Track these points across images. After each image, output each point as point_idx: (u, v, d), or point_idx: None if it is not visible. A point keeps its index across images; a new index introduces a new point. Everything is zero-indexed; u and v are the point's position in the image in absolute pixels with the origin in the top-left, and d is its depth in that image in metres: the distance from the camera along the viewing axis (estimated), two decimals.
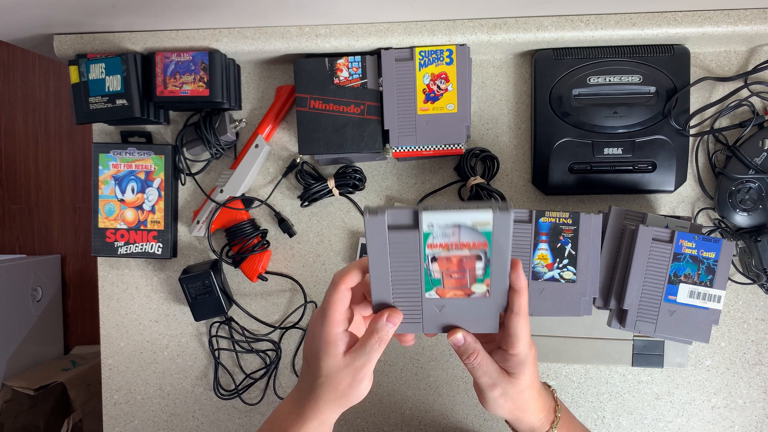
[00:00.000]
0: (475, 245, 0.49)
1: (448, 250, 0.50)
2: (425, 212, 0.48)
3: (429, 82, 0.82)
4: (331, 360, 0.51)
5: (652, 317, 0.73)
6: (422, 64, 0.82)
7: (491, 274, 0.51)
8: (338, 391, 0.52)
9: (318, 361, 0.52)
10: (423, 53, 0.82)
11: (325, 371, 0.52)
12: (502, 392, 0.55)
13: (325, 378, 0.52)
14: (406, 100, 0.83)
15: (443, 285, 0.52)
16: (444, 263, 0.51)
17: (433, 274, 0.51)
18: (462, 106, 0.82)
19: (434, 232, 0.49)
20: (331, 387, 0.52)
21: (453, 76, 0.82)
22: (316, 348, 0.52)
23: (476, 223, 0.48)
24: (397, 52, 0.83)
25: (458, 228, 0.49)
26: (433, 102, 0.82)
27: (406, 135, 0.83)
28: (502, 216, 0.47)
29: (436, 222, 0.49)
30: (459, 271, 0.51)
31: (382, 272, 0.51)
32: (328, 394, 0.52)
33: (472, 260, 0.50)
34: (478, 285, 0.52)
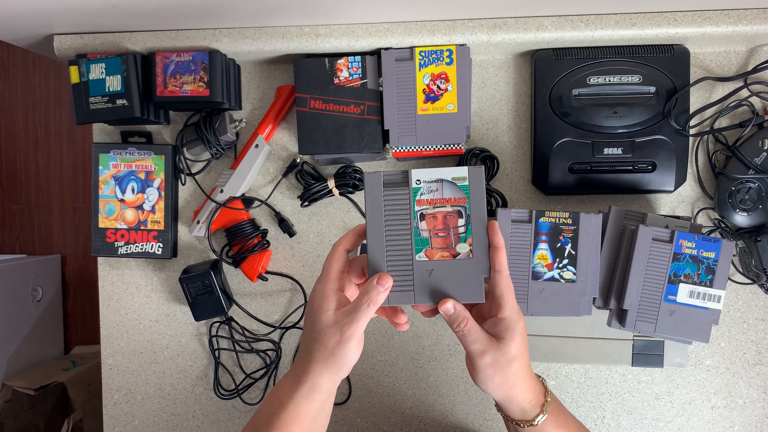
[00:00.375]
0: (456, 201, 0.55)
1: (433, 206, 0.56)
2: (413, 169, 0.56)
3: (429, 82, 0.82)
4: (323, 315, 0.54)
5: (652, 317, 0.73)
6: (422, 64, 0.82)
7: (472, 232, 0.55)
8: (327, 349, 0.53)
9: (314, 318, 0.54)
10: (423, 53, 0.82)
11: (317, 327, 0.54)
12: (492, 360, 0.55)
13: (317, 334, 0.54)
14: (406, 100, 0.83)
15: (431, 245, 0.56)
16: (431, 221, 0.56)
17: (422, 233, 0.56)
18: (462, 106, 0.82)
19: (422, 188, 0.56)
20: (322, 344, 0.53)
21: (453, 76, 0.82)
22: (314, 305, 0.55)
23: (455, 177, 0.55)
24: (397, 52, 0.83)
25: (441, 183, 0.56)
26: (433, 102, 0.82)
27: (406, 135, 0.83)
28: (475, 170, 0.55)
29: (423, 177, 0.56)
30: (444, 230, 0.56)
31: (378, 232, 0.56)
32: (318, 352, 0.53)
33: (454, 217, 0.55)
34: (462, 245, 0.56)
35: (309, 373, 0.54)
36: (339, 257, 0.56)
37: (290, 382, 0.55)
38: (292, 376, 0.56)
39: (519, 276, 0.76)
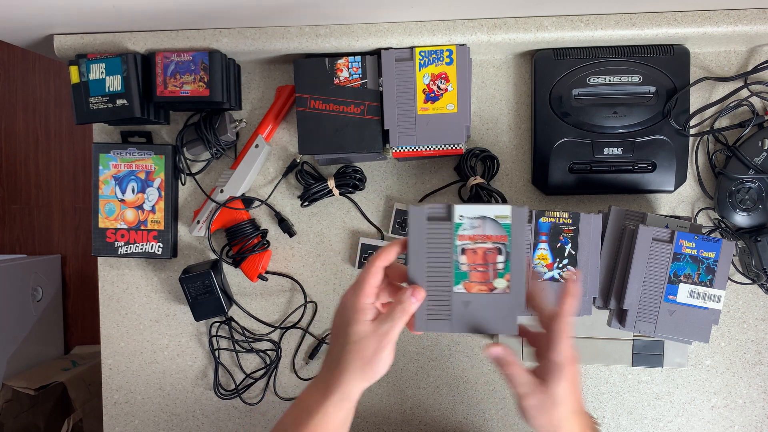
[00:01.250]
0: (497, 238, 0.58)
1: (474, 242, 0.58)
2: (457, 205, 0.58)
3: (429, 82, 0.82)
4: (359, 326, 0.55)
5: (652, 317, 0.73)
6: (422, 64, 0.82)
7: (510, 269, 0.58)
8: (364, 358, 0.54)
9: (347, 328, 0.55)
10: (423, 53, 0.82)
11: (353, 337, 0.55)
12: (537, 403, 0.56)
13: (352, 344, 0.54)
14: (406, 100, 0.83)
15: (469, 278, 0.58)
16: (471, 256, 0.58)
17: (461, 267, 0.58)
18: (462, 106, 0.82)
19: (464, 224, 0.58)
20: (358, 353, 0.54)
21: (453, 76, 0.82)
22: (346, 317, 0.56)
23: (498, 215, 0.57)
24: (397, 52, 0.83)
25: (483, 220, 0.58)
26: (433, 102, 0.82)
27: (406, 135, 0.83)
28: (518, 210, 0.57)
29: (466, 213, 0.58)
30: (483, 265, 0.58)
31: (419, 264, 0.58)
32: (354, 362, 0.54)
33: (494, 253, 0.58)
34: (499, 280, 0.58)
35: (342, 382, 0.54)
36: (376, 272, 0.56)
37: (319, 391, 0.56)
38: (321, 386, 0.56)
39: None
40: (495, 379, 0.92)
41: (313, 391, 0.57)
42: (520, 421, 0.91)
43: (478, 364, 0.92)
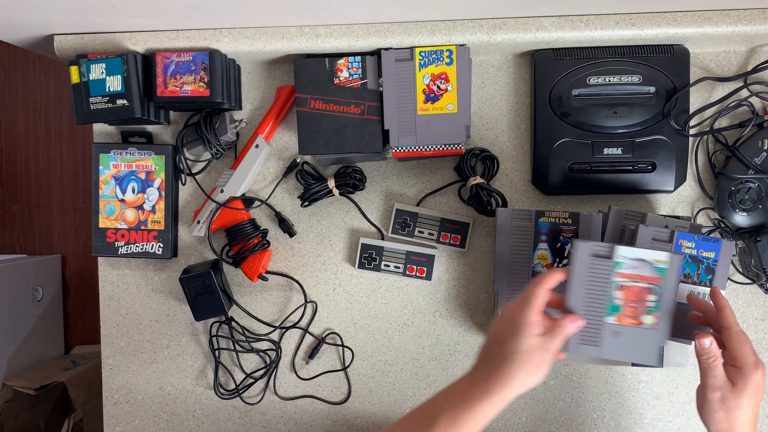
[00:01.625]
0: (651, 279, 0.65)
1: (631, 280, 0.65)
2: (620, 246, 0.66)
3: (429, 82, 0.82)
4: (530, 339, 0.60)
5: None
6: (422, 65, 0.82)
7: (660, 308, 0.66)
8: (531, 366, 0.60)
9: (516, 339, 0.60)
10: (423, 53, 0.82)
11: (523, 348, 0.60)
12: (721, 396, 0.62)
13: (521, 354, 0.60)
14: (406, 100, 0.83)
15: (622, 312, 0.66)
16: (626, 292, 0.66)
17: (615, 301, 0.66)
18: (462, 106, 0.83)
19: (624, 263, 0.65)
20: (526, 362, 0.59)
21: (453, 76, 0.82)
22: (515, 328, 0.61)
23: (655, 260, 0.65)
24: (397, 52, 0.83)
25: (641, 262, 0.65)
26: (433, 102, 0.82)
27: (406, 135, 0.83)
28: (675, 257, 0.65)
29: (627, 255, 0.65)
30: (636, 301, 0.66)
31: (579, 293, 0.65)
32: (521, 370, 0.59)
33: (646, 292, 0.66)
34: (648, 317, 0.66)
35: (507, 385, 0.59)
36: (545, 291, 0.62)
37: (479, 388, 0.60)
38: (482, 384, 0.60)
39: (519, 276, 0.76)
40: None
41: (471, 386, 0.61)
42: (520, 421, 0.92)
43: None
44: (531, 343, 0.60)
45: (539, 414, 0.91)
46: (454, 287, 0.92)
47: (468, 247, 0.91)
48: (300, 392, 0.95)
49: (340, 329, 0.94)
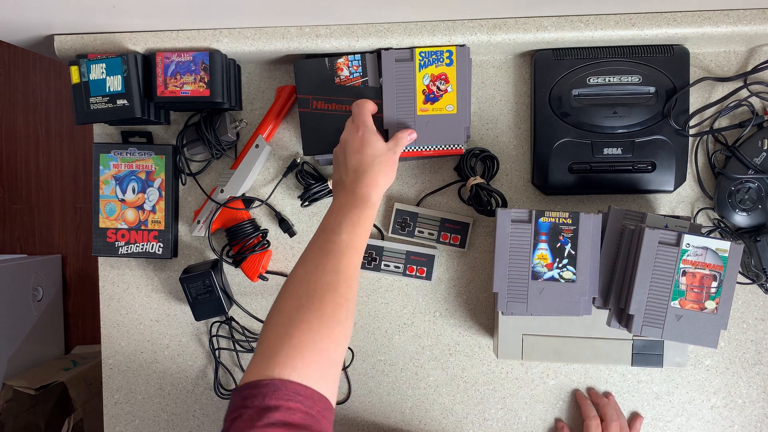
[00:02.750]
0: (714, 267, 0.71)
1: (695, 267, 0.71)
2: (686, 234, 0.71)
3: (429, 83, 0.82)
4: (380, 144, 0.74)
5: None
6: (422, 65, 0.82)
7: (721, 294, 0.71)
8: (388, 166, 0.73)
9: (368, 149, 0.73)
10: (423, 54, 0.82)
11: (379, 152, 0.73)
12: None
13: (380, 156, 0.73)
14: (405, 100, 0.83)
15: (686, 297, 0.71)
16: (690, 278, 0.71)
17: (680, 286, 0.71)
18: (462, 107, 0.83)
19: (689, 251, 0.71)
20: (385, 163, 0.73)
21: (453, 77, 0.82)
22: (366, 142, 0.74)
23: (718, 248, 0.71)
24: (397, 52, 0.83)
25: (706, 250, 0.71)
26: (433, 103, 0.83)
27: None
28: (736, 247, 0.71)
29: (693, 243, 0.71)
30: (699, 287, 0.71)
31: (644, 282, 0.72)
32: (383, 169, 0.72)
33: (710, 279, 0.71)
34: (710, 302, 0.71)
35: (378, 185, 0.71)
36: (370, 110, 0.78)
37: (356, 198, 0.70)
38: (351, 200, 0.70)
39: (519, 276, 0.76)
40: (495, 379, 0.92)
41: (353, 196, 0.70)
42: (520, 421, 0.92)
43: (478, 364, 0.92)
44: (383, 147, 0.74)
45: (539, 414, 0.91)
46: (454, 287, 0.92)
47: (468, 247, 0.91)
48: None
49: None
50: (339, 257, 0.63)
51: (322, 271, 0.62)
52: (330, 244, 0.65)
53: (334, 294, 0.60)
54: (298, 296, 0.60)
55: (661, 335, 0.72)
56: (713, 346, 0.72)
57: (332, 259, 0.63)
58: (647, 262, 0.72)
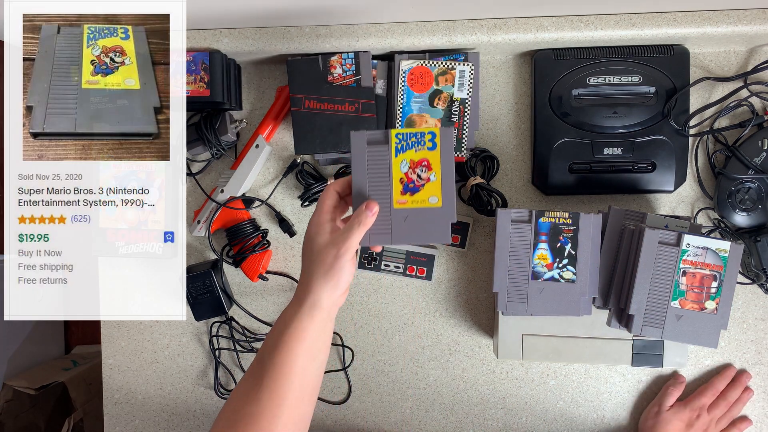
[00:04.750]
0: (714, 267, 0.71)
1: (695, 267, 0.71)
2: (686, 234, 0.71)
3: (408, 170, 0.67)
4: (320, 237, 0.61)
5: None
6: (399, 149, 0.67)
7: (721, 294, 0.71)
8: (326, 264, 0.59)
9: (311, 244, 0.61)
10: (400, 136, 0.66)
11: (316, 248, 0.60)
12: None
13: (316, 254, 0.60)
14: (379, 191, 0.66)
15: (686, 297, 0.71)
16: (690, 278, 0.71)
17: (680, 286, 0.71)
18: (447, 199, 0.66)
19: (689, 251, 0.71)
20: (321, 261, 0.60)
21: (436, 163, 0.66)
22: (310, 234, 0.62)
23: (718, 248, 0.71)
24: (370, 133, 0.67)
25: (706, 250, 0.71)
26: (413, 194, 0.66)
27: (379, 233, 0.65)
28: (736, 247, 0.71)
29: (693, 243, 0.70)
30: (699, 287, 0.71)
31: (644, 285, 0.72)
32: (318, 270, 0.60)
33: (710, 279, 0.71)
34: (710, 302, 0.71)
35: (310, 291, 0.60)
36: (331, 195, 0.63)
37: (293, 306, 0.61)
38: (294, 300, 0.61)
39: (519, 276, 0.76)
40: (495, 379, 0.92)
41: (289, 306, 0.62)
42: (520, 421, 0.92)
43: (478, 364, 0.92)
44: (323, 241, 0.60)
45: (539, 414, 0.91)
46: (454, 287, 0.92)
47: (468, 247, 0.91)
48: None
49: (340, 329, 0.94)
50: (261, 379, 0.57)
51: (245, 400, 0.57)
52: (255, 363, 0.60)
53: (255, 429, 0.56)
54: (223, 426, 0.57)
55: (661, 335, 0.72)
56: (713, 346, 0.72)
57: (256, 382, 0.58)
58: (647, 262, 0.71)
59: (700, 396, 0.85)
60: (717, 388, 0.86)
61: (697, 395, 0.86)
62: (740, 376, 0.87)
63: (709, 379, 0.88)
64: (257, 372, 0.59)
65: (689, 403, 0.85)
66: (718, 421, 0.85)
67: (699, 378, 0.89)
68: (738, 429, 0.86)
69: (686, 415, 0.84)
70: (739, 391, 0.86)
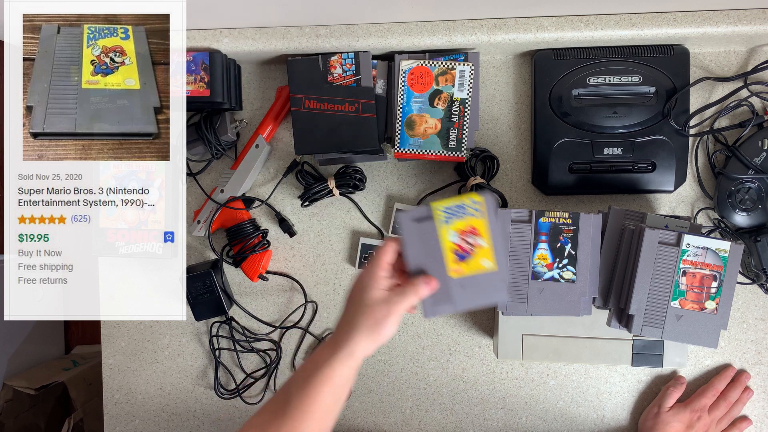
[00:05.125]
0: (714, 267, 0.71)
1: (695, 267, 0.71)
2: (686, 234, 0.71)
3: (457, 240, 0.68)
4: (374, 292, 0.61)
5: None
6: (444, 221, 0.68)
7: (721, 294, 0.71)
8: (374, 319, 0.60)
9: (362, 295, 0.62)
10: (443, 209, 0.67)
11: (367, 302, 0.61)
12: None
13: (366, 307, 0.61)
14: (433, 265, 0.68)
15: (686, 297, 0.71)
16: (690, 278, 0.71)
17: (681, 286, 0.71)
18: (501, 259, 0.68)
19: (689, 251, 0.71)
20: (370, 315, 0.60)
21: (484, 228, 0.67)
22: (362, 285, 0.62)
23: (718, 248, 0.71)
24: (415, 210, 0.67)
25: (706, 250, 0.71)
26: (466, 261, 0.68)
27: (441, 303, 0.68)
28: (735, 247, 0.70)
29: (693, 243, 0.71)
30: (699, 287, 0.71)
31: (644, 285, 0.72)
32: (365, 322, 0.60)
33: (710, 279, 0.71)
34: (710, 302, 0.71)
35: (351, 340, 0.60)
36: (391, 252, 0.64)
37: (328, 348, 0.61)
38: (330, 343, 0.61)
39: (519, 276, 0.76)
40: (495, 379, 0.92)
41: (324, 348, 0.61)
42: (520, 421, 0.92)
43: (478, 364, 0.92)
44: (376, 297, 0.61)
45: (539, 414, 0.91)
46: None
47: None
48: None
49: None
50: (284, 414, 0.58)
51: (265, 428, 0.58)
52: (280, 396, 0.60)
53: None
54: None
55: (661, 335, 0.72)
56: (713, 346, 0.72)
57: (278, 415, 0.58)
58: (647, 262, 0.71)
59: (701, 397, 0.85)
60: (717, 389, 0.86)
61: (698, 396, 0.85)
62: (740, 376, 0.87)
63: (709, 380, 0.88)
64: (281, 405, 0.59)
65: (689, 405, 0.85)
66: (718, 422, 0.85)
67: (699, 378, 0.89)
68: (738, 429, 0.86)
69: (686, 417, 0.84)
70: (739, 391, 0.86)
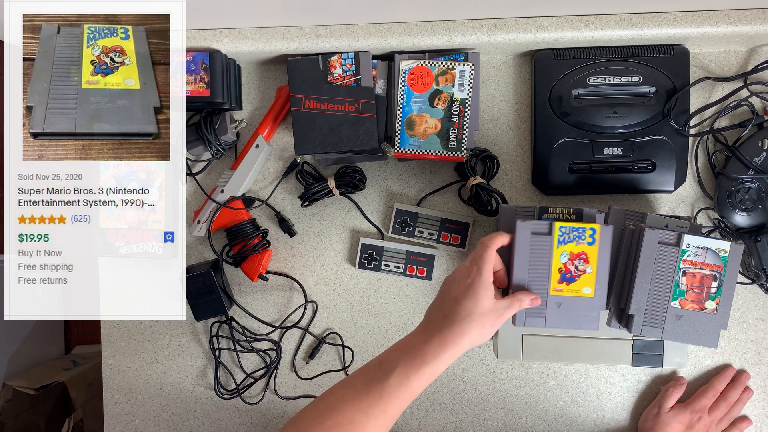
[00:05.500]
0: (714, 267, 0.71)
1: (695, 267, 0.71)
2: (686, 234, 0.70)
3: (567, 261, 0.72)
4: (486, 300, 0.65)
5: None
6: (561, 241, 0.72)
7: (721, 294, 0.70)
8: (483, 327, 0.64)
9: (473, 300, 0.65)
10: (564, 229, 0.71)
11: (480, 309, 0.64)
12: None
13: (479, 315, 0.64)
14: (539, 277, 0.72)
15: (686, 297, 0.71)
16: (690, 278, 0.71)
17: (681, 286, 0.71)
18: (600, 290, 0.72)
19: (690, 251, 0.70)
20: (480, 323, 0.64)
21: (594, 257, 0.71)
22: (472, 290, 0.65)
23: (718, 248, 0.70)
24: (535, 224, 0.72)
25: (706, 250, 0.70)
26: (569, 283, 0.72)
27: (534, 316, 0.72)
28: (735, 247, 0.70)
29: (693, 243, 0.70)
30: (699, 287, 0.71)
31: (645, 281, 0.71)
32: (475, 329, 0.64)
33: (710, 279, 0.71)
34: (709, 302, 0.71)
35: (459, 342, 0.63)
36: (494, 257, 0.68)
37: (434, 344, 0.63)
38: (437, 340, 0.63)
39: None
40: (495, 379, 0.92)
41: (426, 342, 0.64)
42: (520, 421, 0.92)
43: (478, 364, 0.92)
44: (487, 305, 0.65)
45: (539, 414, 0.91)
46: None
47: (468, 247, 0.91)
48: (300, 392, 0.95)
49: (340, 329, 0.94)
50: (377, 401, 0.61)
51: (356, 408, 0.61)
52: (375, 383, 0.62)
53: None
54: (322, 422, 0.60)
55: (661, 335, 0.72)
56: (713, 346, 0.71)
57: (370, 399, 0.61)
58: (647, 262, 0.71)
59: (701, 397, 0.85)
60: (717, 389, 0.86)
61: (698, 397, 0.85)
62: (740, 376, 0.87)
63: (709, 380, 0.88)
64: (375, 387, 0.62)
65: (690, 405, 0.85)
66: (718, 422, 0.85)
67: (699, 378, 0.89)
68: (738, 429, 0.86)
69: (686, 418, 0.84)
70: (739, 391, 0.86)
